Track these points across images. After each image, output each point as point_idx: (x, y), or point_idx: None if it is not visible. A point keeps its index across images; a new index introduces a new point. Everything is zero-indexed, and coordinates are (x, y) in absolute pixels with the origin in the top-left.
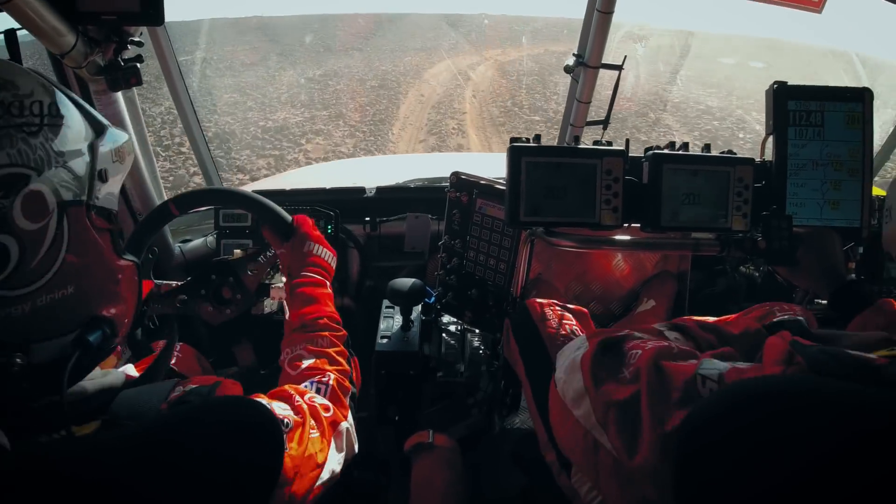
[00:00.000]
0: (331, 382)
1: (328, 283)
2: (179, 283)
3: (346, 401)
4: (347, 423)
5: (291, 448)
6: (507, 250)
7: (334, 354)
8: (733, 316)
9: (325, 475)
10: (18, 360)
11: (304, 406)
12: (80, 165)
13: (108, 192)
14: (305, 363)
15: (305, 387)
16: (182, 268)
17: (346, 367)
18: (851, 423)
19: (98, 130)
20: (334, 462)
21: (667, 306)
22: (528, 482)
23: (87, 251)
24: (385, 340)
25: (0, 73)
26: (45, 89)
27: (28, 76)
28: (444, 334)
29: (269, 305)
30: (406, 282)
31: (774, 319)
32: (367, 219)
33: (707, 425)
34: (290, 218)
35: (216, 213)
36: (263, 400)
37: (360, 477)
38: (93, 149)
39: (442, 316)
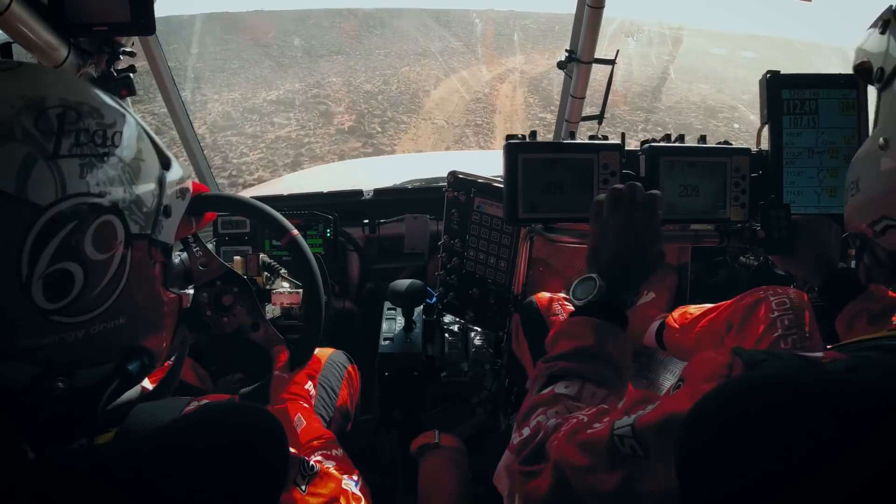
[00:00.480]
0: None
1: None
2: (180, 292)
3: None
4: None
5: (311, 493)
6: (506, 248)
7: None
8: (727, 303)
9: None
10: (61, 384)
11: (339, 480)
12: (149, 200)
13: (169, 226)
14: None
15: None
16: (183, 276)
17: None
18: (848, 415)
19: (165, 164)
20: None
21: (667, 298)
22: None
23: (143, 284)
24: (388, 342)
25: (87, 99)
26: (125, 120)
27: (112, 106)
28: (446, 334)
29: (271, 311)
30: (407, 283)
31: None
32: (366, 221)
33: (707, 423)
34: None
35: (215, 220)
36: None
37: (367, 480)
38: (161, 184)
39: (444, 316)
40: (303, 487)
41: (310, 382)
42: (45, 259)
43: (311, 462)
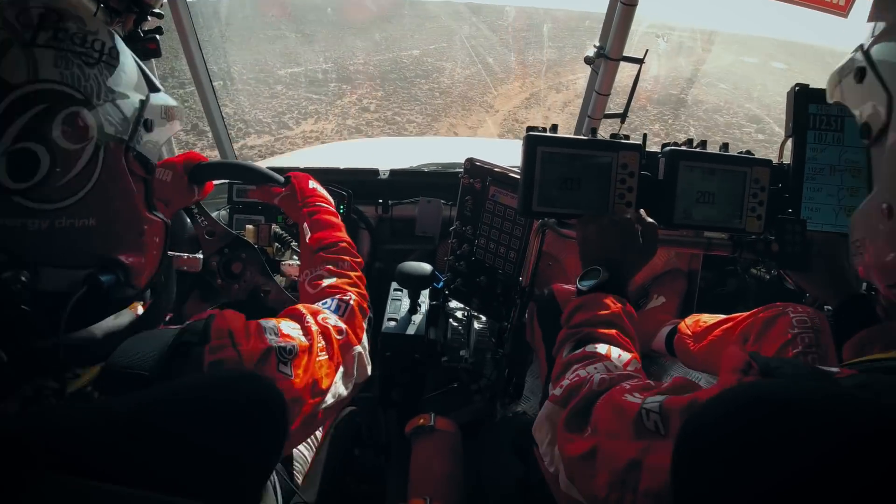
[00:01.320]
0: (351, 303)
1: (338, 215)
2: (191, 256)
3: (364, 323)
4: (361, 347)
5: (296, 375)
6: (517, 239)
7: (355, 278)
8: (743, 314)
9: (329, 399)
10: (23, 277)
11: (315, 328)
12: (127, 108)
13: (151, 141)
14: (326, 282)
15: (322, 306)
16: (193, 241)
17: (365, 291)
18: (840, 428)
19: (151, 88)
20: (341, 386)
21: (676, 303)
22: (526, 471)
23: (117, 190)
24: (392, 323)
25: (72, 9)
26: (109, 34)
27: (97, 20)
28: (450, 320)
29: (279, 282)
30: (415, 265)
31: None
32: (380, 201)
33: (703, 430)
34: (275, 174)
35: (230, 187)
36: (271, 324)
37: (361, 457)
38: (143, 100)
39: (449, 301)
40: (288, 372)
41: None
42: (10, 136)
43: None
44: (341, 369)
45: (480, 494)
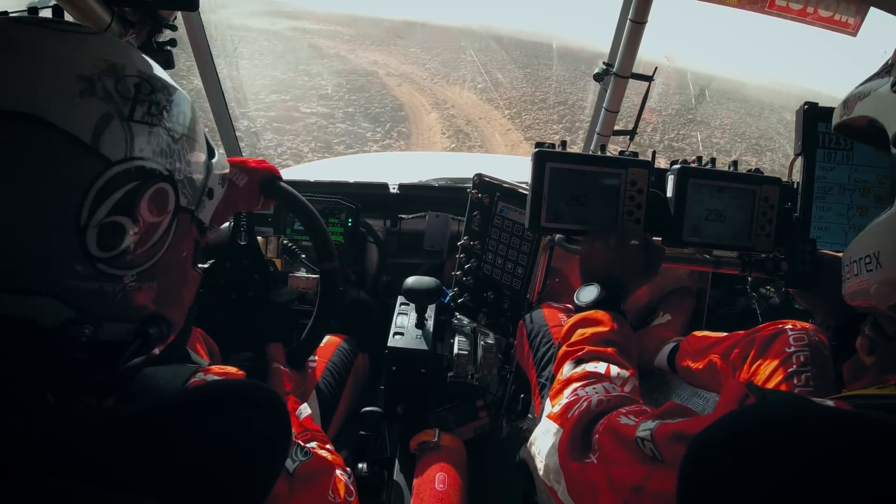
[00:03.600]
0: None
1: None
2: (198, 266)
3: None
4: None
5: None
6: (525, 255)
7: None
8: (743, 332)
9: None
10: (87, 331)
11: (333, 467)
12: (198, 178)
13: (209, 208)
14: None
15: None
16: (202, 249)
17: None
18: (837, 447)
19: (211, 153)
20: None
21: (682, 321)
22: (532, 487)
23: (179, 256)
24: (398, 337)
25: (161, 76)
26: (187, 103)
27: (179, 91)
28: (457, 335)
29: (286, 294)
30: (423, 280)
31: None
32: (389, 214)
33: (706, 452)
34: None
35: None
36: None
37: (364, 471)
38: (208, 167)
39: (456, 316)
40: (290, 469)
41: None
42: (105, 209)
43: (306, 447)
44: None
45: None
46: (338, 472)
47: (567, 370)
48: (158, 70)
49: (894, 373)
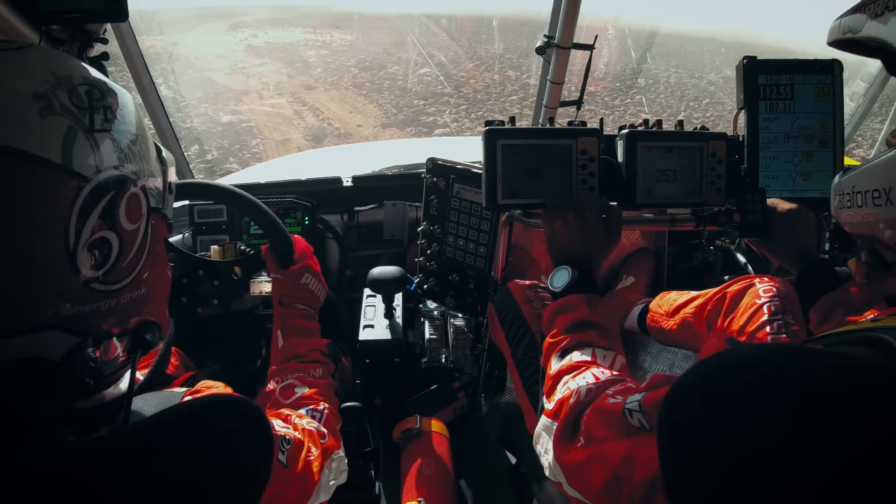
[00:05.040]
0: (325, 412)
1: (316, 316)
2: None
3: (337, 429)
4: (340, 452)
5: (292, 467)
6: (486, 234)
7: (326, 387)
8: (714, 290)
9: (315, 498)
10: (92, 354)
11: (303, 428)
12: (158, 175)
13: (171, 203)
14: (299, 392)
15: (301, 412)
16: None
17: (336, 399)
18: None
19: (158, 148)
20: (326, 487)
21: (645, 281)
22: (517, 461)
23: (159, 257)
24: (368, 329)
25: (103, 80)
26: (132, 101)
27: (121, 90)
28: (426, 320)
29: (249, 300)
30: (386, 270)
31: None
32: (345, 208)
33: (678, 398)
34: (292, 245)
35: (191, 209)
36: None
37: (351, 465)
38: (162, 161)
39: (424, 302)
40: (284, 461)
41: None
42: (90, 228)
43: (286, 435)
44: (325, 471)
45: (474, 489)
46: (309, 426)
47: (555, 364)
48: (96, 73)
49: (876, 305)
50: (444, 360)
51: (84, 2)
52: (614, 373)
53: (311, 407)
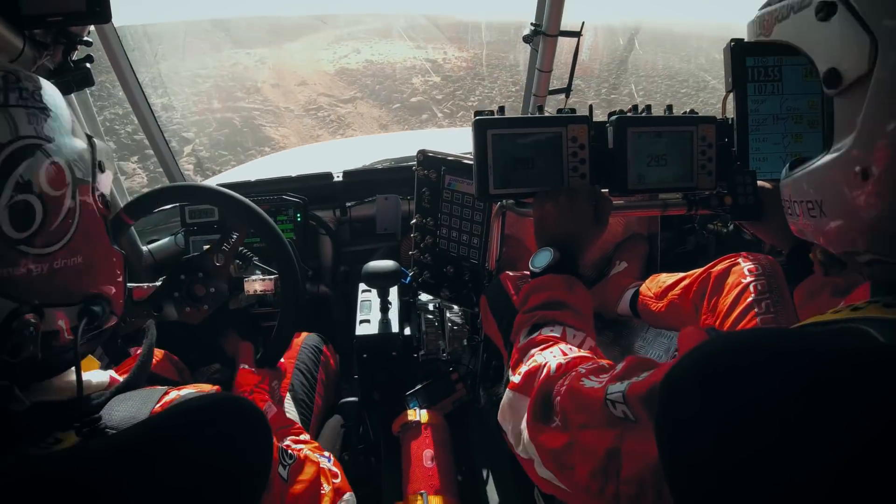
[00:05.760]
0: (331, 457)
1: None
2: (151, 285)
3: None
4: (352, 497)
5: (294, 483)
6: (479, 224)
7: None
8: (699, 270)
9: None
10: (33, 320)
11: (313, 459)
12: (85, 154)
13: (105, 181)
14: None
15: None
16: (152, 269)
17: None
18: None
19: (88, 133)
20: None
21: (639, 266)
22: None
23: (93, 228)
24: (365, 324)
25: (26, 73)
26: (55, 91)
27: (44, 80)
28: (422, 313)
29: (244, 300)
30: (381, 264)
31: None
32: (337, 204)
33: (678, 386)
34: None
35: (182, 210)
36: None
37: (351, 461)
38: (92, 144)
39: (419, 295)
40: (284, 475)
41: (275, 381)
42: (8, 191)
43: (287, 449)
44: None
45: (475, 479)
46: (321, 461)
47: (524, 337)
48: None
49: (845, 296)
50: (441, 352)
51: (66, 4)
52: (584, 351)
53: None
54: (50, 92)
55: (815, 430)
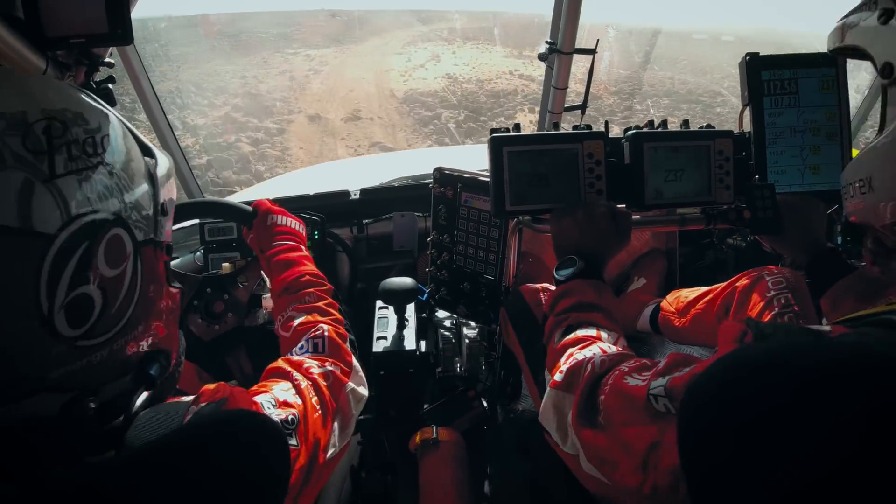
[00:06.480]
0: (326, 334)
1: (301, 247)
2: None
3: (347, 347)
4: (351, 382)
5: (301, 443)
6: (495, 241)
7: (324, 307)
8: (722, 285)
9: (330, 451)
10: (92, 404)
11: (304, 383)
12: (146, 202)
13: (167, 225)
14: (297, 321)
15: (301, 351)
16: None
17: (339, 316)
18: (836, 379)
19: (148, 153)
20: (337, 436)
21: (657, 282)
22: (535, 469)
23: (155, 288)
24: (381, 341)
25: (69, 104)
26: (108, 120)
27: (94, 108)
28: (439, 330)
29: (262, 316)
30: (398, 281)
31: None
32: (354, 221)
33: (700, 404)
34: (248, 208)
35: (201, 228)
36: (267, 397)
37: (368, 479)
38: (153, 181)
39: (436, 312)
40: (294, 442)
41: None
42: (63, 288)
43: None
44: (338, 418)
45: (491, 498)
46: (308, 394)
47: (559, 338)
48: (65, 93)
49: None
50: (458, 369)
51: (89, 26)
52: (621, 349)
53: (310, 335)
54: (104, 129)
55: (830, 440)
